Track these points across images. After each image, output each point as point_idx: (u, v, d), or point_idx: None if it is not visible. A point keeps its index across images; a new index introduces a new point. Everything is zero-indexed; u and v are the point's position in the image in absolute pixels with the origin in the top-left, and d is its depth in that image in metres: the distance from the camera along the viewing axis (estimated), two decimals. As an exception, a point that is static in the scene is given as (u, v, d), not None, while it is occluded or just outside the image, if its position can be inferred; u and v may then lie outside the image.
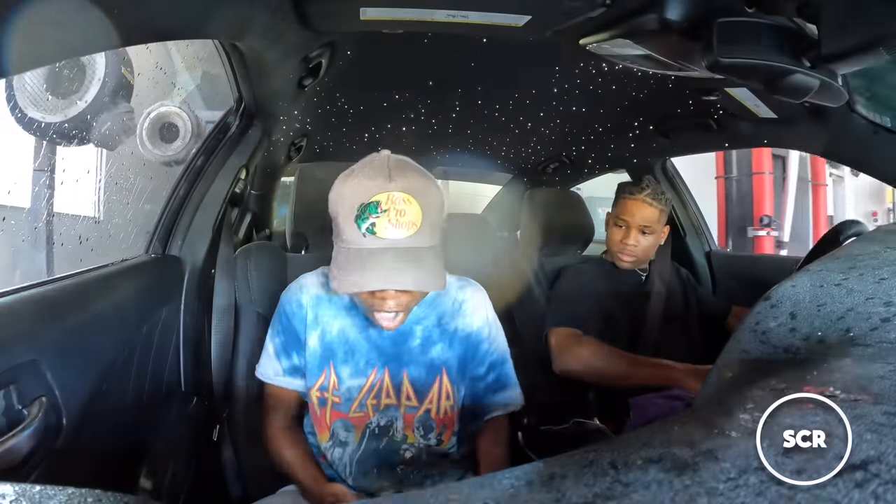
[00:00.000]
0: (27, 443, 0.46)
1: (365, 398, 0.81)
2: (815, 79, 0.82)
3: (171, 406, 0.89)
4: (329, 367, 0.81)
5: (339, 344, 0.82)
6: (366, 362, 0.81)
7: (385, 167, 0.70)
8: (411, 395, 0.82)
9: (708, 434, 0.19)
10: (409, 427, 0.82)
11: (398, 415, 0.82)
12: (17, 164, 0.76)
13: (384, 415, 0.82)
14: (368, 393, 0.81)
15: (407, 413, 0.82)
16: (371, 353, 0.82)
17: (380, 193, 0.68)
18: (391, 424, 0.82)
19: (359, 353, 0.82)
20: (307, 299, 0.83)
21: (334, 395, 0.81)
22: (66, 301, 0.61)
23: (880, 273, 0.34)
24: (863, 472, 0.15)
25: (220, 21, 0.60)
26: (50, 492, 0.19)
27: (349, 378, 0.81)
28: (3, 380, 0.46)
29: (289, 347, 0.83)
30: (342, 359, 0.81)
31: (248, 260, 1.04)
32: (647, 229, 1.30)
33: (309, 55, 0.97)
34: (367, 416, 0.81)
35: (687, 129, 1.44)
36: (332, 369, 0.81)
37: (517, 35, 0.89)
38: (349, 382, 0.81)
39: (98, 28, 0.38)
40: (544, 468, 0.19)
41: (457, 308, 0.86)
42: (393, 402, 0.82)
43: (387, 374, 0.82)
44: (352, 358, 0.81)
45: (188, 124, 1.08)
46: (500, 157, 2.00)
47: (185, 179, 1.11)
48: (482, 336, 0.87)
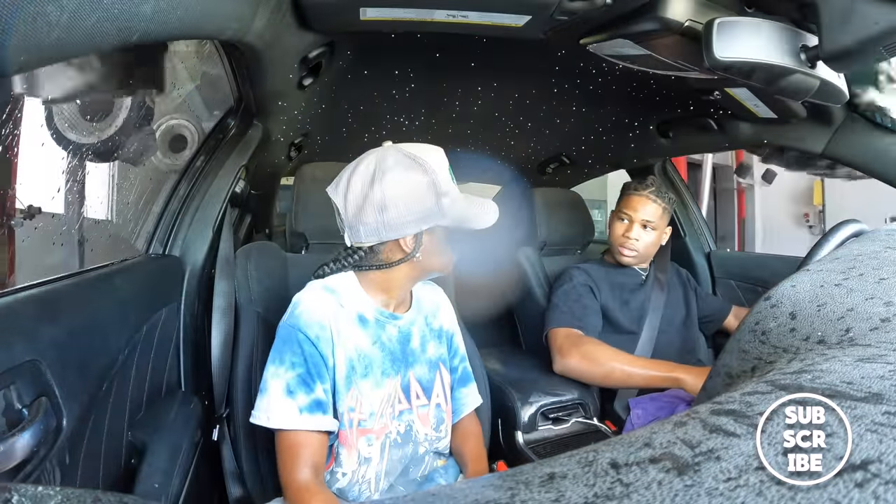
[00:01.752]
0: (27, 443, 0.46)
1: (384, 408, 0.80)
2: (815, 79, 0.82)
3: (171, 406, 0.89)
4: (354, 384, 0.77)
5: (358, 359, 0.78)
6: (382, 372, 0.80)
7: (408, 149, 0.79)
8: (420, 394, 0.84)
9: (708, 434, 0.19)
10: (426, 424, 0.84)
11: (413, 417, 0.83)
12: (52, 176, 0.86)
13: (401, 420, 0.81)
14: (387, 402, 0.80)
15: (420, 411, 0.84)
16: (385, 362, 0.81)
17: (444, 160, 0.81)
18: (410, 428, 0.82)
19: (375, 365, 0.80)
20: (327, 317, 0.76)
21: (360, 413, 0.77)
22: (66, 301, 0.61)
23: (880, 273, 0.34)
24: (863, 472, 0.15)
25: (220, 21, 0.60)
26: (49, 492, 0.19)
27: (370, 391, 0.78)
28: (3, 380, 0.46)
29: (311, 378, 0.74)
30: (362, 373, 0.78)
31: (248, 260, 1.04)
32: (650, 224, 1.32)
33: (309, 55, 0.97)
34: (385, 427, 0.79)
35: (687, 129, 1.44)
36: (357, 386, 0.77)
37: (517, 35, 0.89)
38: (371, 396, 0.78)
39: (98, 29, 0.38)
40: (544, 468, 0.19)
41: (436, 308, 0.94)
42: (405, 406, 0.82)
43: (399, 379, 0.82)
44: (371, 371, 0.79)
45: (194, 135, 1.16)
46: (500, 157, 2.00)
47: (184, 179, 1.11)
48: (453, 331, 0.96)
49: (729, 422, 0.19)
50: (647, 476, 0.17)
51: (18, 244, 0.78)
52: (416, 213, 0.76)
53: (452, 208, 0.79)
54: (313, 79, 1.10)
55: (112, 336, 0.71)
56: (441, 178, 0.78)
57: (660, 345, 1.31)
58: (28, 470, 0.47)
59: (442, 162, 0.80)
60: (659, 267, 1.43)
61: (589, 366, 1.15)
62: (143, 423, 0.79)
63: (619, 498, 0.16)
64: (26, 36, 0.32)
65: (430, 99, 1.41)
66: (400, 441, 0.80)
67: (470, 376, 0.97)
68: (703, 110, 1.32)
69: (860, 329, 0.28)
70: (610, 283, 1.35)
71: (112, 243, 1.02)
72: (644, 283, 1.39)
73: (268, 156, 1.39)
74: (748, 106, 1.17)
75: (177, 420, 0.85)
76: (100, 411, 0.65)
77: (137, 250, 1.03)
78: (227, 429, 0.96)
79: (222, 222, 1.10)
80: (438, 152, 0.81)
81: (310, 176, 1.14)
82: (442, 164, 0.80)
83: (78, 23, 0.36)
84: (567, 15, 0.81)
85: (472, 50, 1.06)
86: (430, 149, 0.81)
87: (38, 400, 0.50)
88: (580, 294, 1.30)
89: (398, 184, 0.75)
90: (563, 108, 1.47)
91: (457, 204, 0.80)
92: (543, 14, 0.81)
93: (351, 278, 0.82)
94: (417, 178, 0.76)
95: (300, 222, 1.12)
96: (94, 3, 0.37)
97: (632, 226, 1.32)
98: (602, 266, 1.40)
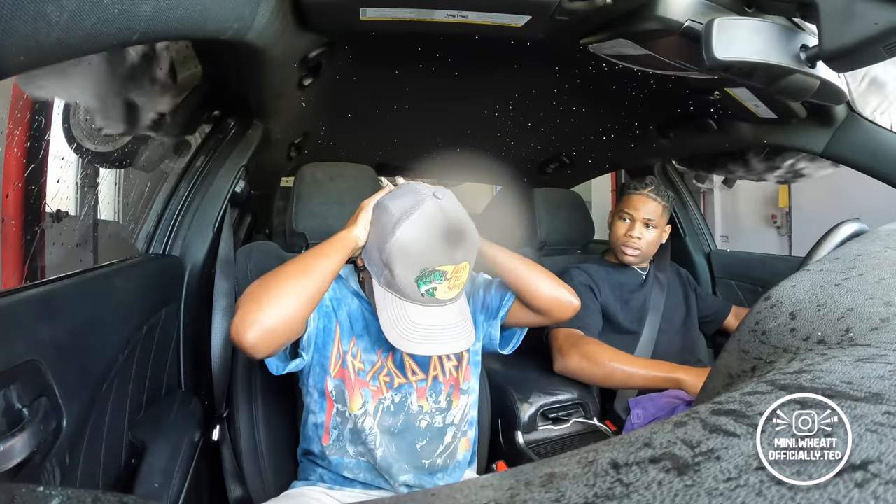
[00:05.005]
0: (27, 443, 0.46)
1: (378, 373, 0.84)
2: (815, 79, 0.82)
3: (171, 406, 0.89)
4: (354, 335, 0.84)
5: (356, 318, 0.85)
6: (375, 341, 0.85)
7: (444, 228, 0.72)
8: (416, 370, 0.87)
9: (708, 434, 0.19)
10: (422, 397, 0.86)
11: (412, 389, 0.86)
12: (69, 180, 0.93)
13: (398, 392, 0.85)
14: (380, 370, 0.84)
15: (419, 386, 0.86)
16: (381, 335, 0.82)
17: (447, 266, 0.73)
18: (405, 399, 0.85)
19: (373, 332, 0.85)
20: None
21: (358, 363, 0.83)
22: (66, 301, 0.60)
23: (880, 273, 0.34)
24: (863, 472, 0.15)
25: (220, 21, 0.60)
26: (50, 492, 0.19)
27: (363, 351, 0.85)
28: (3, 380, 0.46)
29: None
30: (359, 332, 0.85)
31: (248, 260, 1.04)
32: (651, 223, 1.33)
33: (309, 55, 0.97)
34: (380, 392, 0.84)
35: (687, 130, 1.44)
36: (356, 338, 0.84)
37: (517, 35, 0.89)
38: (363, 356, 0.84)
39: (98, 29, 0.38)
40: (544, 468, 0.19)
41: None
42: (402, 380, 0.85)
43: (391, 356, 0.86)
44: (367, 333, 0.85)
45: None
46: (500, 157, 2.00)
47: (185, 179, 1.11)
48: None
49: (729, 422, 0.19)
50: (647, 476, 0.17)
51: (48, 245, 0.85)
52: (371, 245, 0.77)
53: (385, 297, 0.75)
54: (313, 79, 1.10)
55: (112, 336, 0.71)
56: (399, 243, 0.72)
57: (660, 345, 1.31)
58: (28, 470, 0.47)
59: (419, 238, 0.72)
60: (659, 267, 1.43)
61: (589, 366, 1.15)
62: (143, 423, 0.79)
63: (619, 498, 0.16)
64: (26, 36, 0.32)
65: (430, 99, 1.41)
66: (392, 409, 0.84)
67: (490, 284, 0.94)
68: (703, 110, 1.32)
69: (860, 329, 0.28)
70: (610, 282, 1.35)
71: (119, 242, 1.06)
72: (644, 282, 1.39)
73: (268, 156, 1.39)
74: (748, 106, 1.17)
75: (177, 420, 0.85)
76: (100, 411, 0.65)
77: (137, 250, 1.04)
78: (227, 429, 0.96)
79: (222, 222, 1.10)
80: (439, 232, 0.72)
81: (310, 176, 1.14)
82: (415, 267, 0.72)
83: (78, 23, 0.36)
84: (567, 15, 0.81)
85: (472, 50, 1.06)
86: (437, 227, 0.72)
87: (38, 400, 0.50)
88: (580, 294, 1.30)
89: (386, 209, 0.76)
90: (563, 108, 1.47)
91: (390, 289, 0.75)
92: (543, 14, 0.81)
93: (351, 267, 0.90)
94: (386, 219, 0.75)
95: (300, 222, 1.12)
96: (94, 3, 0.37)
97: (634, 225, 1.34)
98: (602, 266, 1.40)
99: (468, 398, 0.90)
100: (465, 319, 0.78)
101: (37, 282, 0.61)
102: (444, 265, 0.73)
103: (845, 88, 0.97)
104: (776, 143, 1.29)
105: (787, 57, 0.76)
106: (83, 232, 0.95)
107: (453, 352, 0.75)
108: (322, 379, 0.83)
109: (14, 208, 0.76)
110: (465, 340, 0.75)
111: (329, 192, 1.12)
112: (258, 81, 0.96)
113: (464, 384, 0.90)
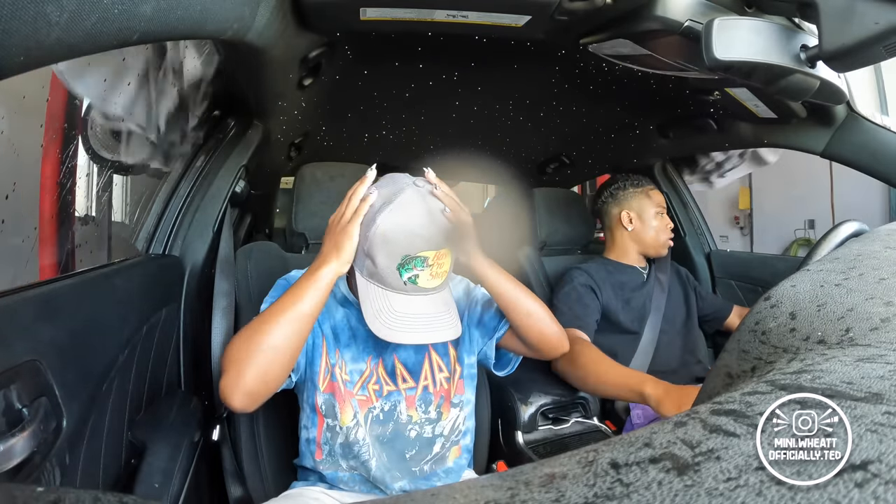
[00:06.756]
0: (27, 443, 0.46)
1: (367, 382, 0.84)
2: (815, 79, 0.82)
3: (171, 406, 0.89)
4: (339, 347, 0.83)
5: (340, 329, 0.84)
6: (362, 349, 0.84)
7: (424, 213, 0.73)
8: (406, 377, 0.86)
9: (708, 434, 0.19)
10: (411, 406, 0.85)
11: (401, 398, 0.85)
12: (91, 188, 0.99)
13: (387, 400, 0.84)
14: (370, 378, 0.84)
15: (408, 394, 0.85)
16: (368, 342, 0.84)
17: (428, 251, 0.72)
18: (394, 407, 0.84)
19: (360, 339, 0.84)
20: None
21: (344, 375, 0.83)
22: (66, 301, 0.60)
23: (880, 273, 0.34)
24: (863, 472, 0.15)
25: (220, 21, 0.60)
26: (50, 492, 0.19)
27: (350, 362, 0.84)
28: (3, 380, 0.46)
29: None
30: (345, 343, 0.84)
31: (248, 260, 1.04)
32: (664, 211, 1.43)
33: (309, 55, 0.97)
34: (369, 401, 0.83)
35: (687, 130, 1.44)
36: (340, 350, 0.83)
37: (517, 35, 0.89)
38: (350, 366, 0.84)
39: (98, 29, 0.38)
40: (544, 468, 0.19)
41: None
42: (392, 388, 0.85)
43: (381, 362, 0.85)
44: (353, 344, 0.84)
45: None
46: (499, 157, 2.00)
47: (185, 179, 1.11)
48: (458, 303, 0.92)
49: (729, 422, 0.19)
50: (647, 476, 0.17)
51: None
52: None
53: (368, 288, 0.74)
54: (313, 79, 1.10)
55: (112, 336, 0.71)
56: (380, 231, 0.71)
57: (661, 345, 1.31)
58: (28, 470, 0.47)
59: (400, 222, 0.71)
60: (660, 266, 1.43)
61: (572, 368, 1.13)
62: (143, 422, 0.79)
63: (619, 498, 0.16)
64: (26, 36, 0.32)
65: (430, 99, 1.41)
66: (382, 418, 0.84)
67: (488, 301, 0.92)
68: (703, 110, 1.32)
69: (860, 329, 0.28)
70: (612, 282, 1.35)
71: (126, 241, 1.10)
72: (646, 282, 1.39)
73: (268, 156, 1.39)
74: (748, 106, 1.17)
75: (177, 420, 0.85)
76: (100, 411, 0.65)
77: (138, 250, 1.04)
78: (227, 429, 0.96)
79: (222, 222, 1.10)
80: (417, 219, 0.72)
81: (310, 176, 1.14)
82: (396, 255, 0.71)
83: (78, 23, 0.36)
84: (567, 15, 0.81)
85: (472, 50, 1.06)
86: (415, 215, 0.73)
87: (38, 400, 0.50)
88: (580, 294, 1.30)
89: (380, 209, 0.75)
90: (563, 108, 1.47)
91: (373, 279, 0.74)
92: (543, 14, 0.81)
93: None
94: (366, 211, 0.74)
95: (300, 222, 1.12)
96: (94, 3, 0.37)
97: (664, 217, 1.41)
98: (603, 266, 1.40)
99: (461, 411, 0.89)
100: (450, 310, 0.76)
101: (37, 282, 0.61)
102: (425, 251, 0.72)
103: (845, 88, 0.97)
104: (776, 143, 1.29)
105: (787, 57, 0.76)
106: (101, 233, 1.02)
107: (438, 340, 0.73)
108: (312, 394, 0.82)
109: (49, 211, 0.83)
110: (450, 330, 0.73)
111: (329, 192, 1.12)
112: (258, 81, 0.96)
113: (455, 397, 0.88)
